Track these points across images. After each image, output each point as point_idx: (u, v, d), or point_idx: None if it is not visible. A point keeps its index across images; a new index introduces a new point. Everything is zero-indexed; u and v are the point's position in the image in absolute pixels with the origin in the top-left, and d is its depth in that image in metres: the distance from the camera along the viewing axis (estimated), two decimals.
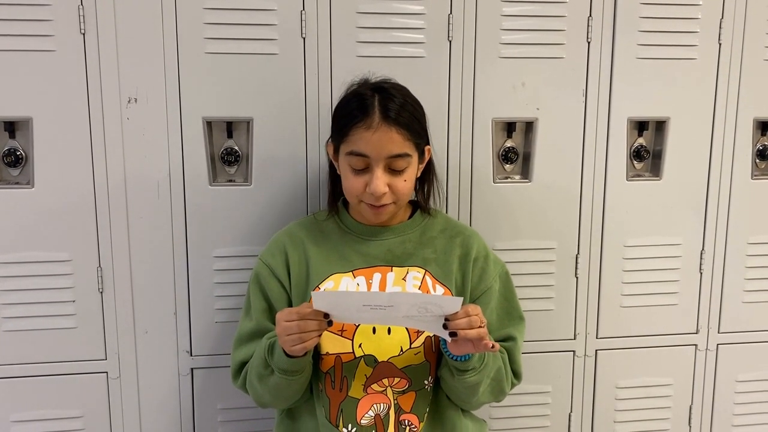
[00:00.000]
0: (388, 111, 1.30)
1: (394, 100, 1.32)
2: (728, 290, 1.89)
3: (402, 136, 1.31)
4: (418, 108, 1.38)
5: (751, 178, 1.85)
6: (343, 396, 1.35)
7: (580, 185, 1.77)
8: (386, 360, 1.34)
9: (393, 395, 1.36)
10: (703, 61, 1.76)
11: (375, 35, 1.62)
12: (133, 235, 1.63)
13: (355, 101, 1.34)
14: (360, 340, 1.34)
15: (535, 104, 1.71)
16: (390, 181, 1.33)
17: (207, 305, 1.68)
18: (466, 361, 1.29)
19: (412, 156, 1.35)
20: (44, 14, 1.51)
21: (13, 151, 1.57)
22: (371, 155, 1.31)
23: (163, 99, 1.58)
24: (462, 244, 1.45)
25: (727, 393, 1.95)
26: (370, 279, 1.39)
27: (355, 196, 1.36)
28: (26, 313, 1.62)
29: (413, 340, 1.35)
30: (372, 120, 1.30)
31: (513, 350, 1.45)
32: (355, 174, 1.34)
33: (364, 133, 1.30)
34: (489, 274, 1.45)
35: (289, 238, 1.45)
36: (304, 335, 1.21)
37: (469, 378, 1.31)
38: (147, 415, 1.71)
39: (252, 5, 1.57)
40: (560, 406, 1.88)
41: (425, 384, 1.38)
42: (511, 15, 1.66)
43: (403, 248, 1.43)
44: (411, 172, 1.36)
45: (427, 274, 1.40)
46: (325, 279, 1.39)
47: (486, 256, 1.46)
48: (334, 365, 1.35)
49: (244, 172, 1.66)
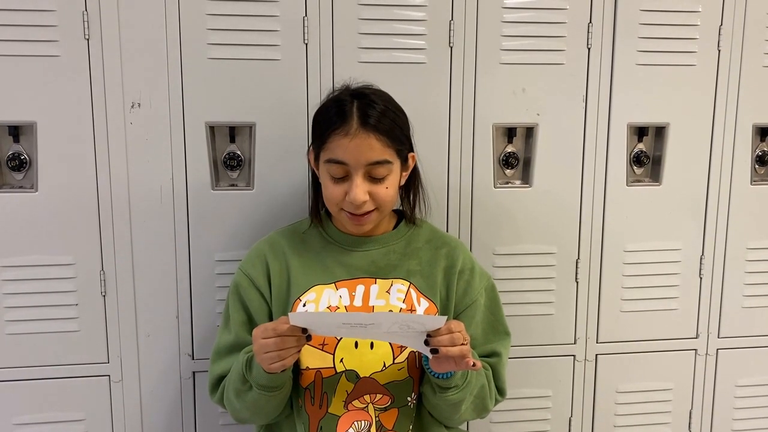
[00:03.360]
0: (367, 117, 1.27)
1: (374, 106, 1.29)
2: (728, 295, 1.90)
3: (381, 142, 1.27)
4: (400, 114, 1.34)
5: (751, 183, 1.85)
6: (323, 413, 1.31)
7: (581, 190, 1.78)
8: (368, 376, 1.30)
9: (375, 412, 1.32)
10: (702, 68, 1.77)
11: (376, 41, 1.63)
12: (135, 238, 1.63)
13: (333, 107, 1.31)
14: (341, 355, 1.30)
15: (535, 110, 1.72)
16: (370, 189, 1.29)
17: (209, 309, 1.69)
18: (448, 378, 1.26)
19: (393, 163, 1.31)
20: (49, 20, 1.52)
21: (17, 156, 1.58)
22: (350, 162, 1.27)
23: (167, 104, 1.59)
24: (447, 256, 1.42)
25: (726, 398, 1.95)
26: (353, 291, 1.35)
27: (335, 204, 1.32)
28: (29, 316, 1.62)
29: (396, 356, 1.31)
30: (350, 126, 1.26)
31: (497, 366, 1.42)
32: (335, 182, 1.30)
33: (342, 139, 1.26)
34: (474, 288, 1.41)
35: (269, 247, 1.42)
36: (282, 353, 1.17)
37: (451, 396, 1.28)
38: (149, 418, 1.72)
39: (255, 11, 1.58)
40: (560, 411, 1.88)
41: (408, 401, 1.34)
42: (511, 21, 1.67)
43: (387, 260, 1.39)
44: (393, 179, 1.32)
45: (412, 287, 1.37)
46: (306, 290, 1.35)
47: (472, 269, 1.42)
48: (314, 380, 1.31)
49: (246, 176, 1.67)
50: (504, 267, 1.77)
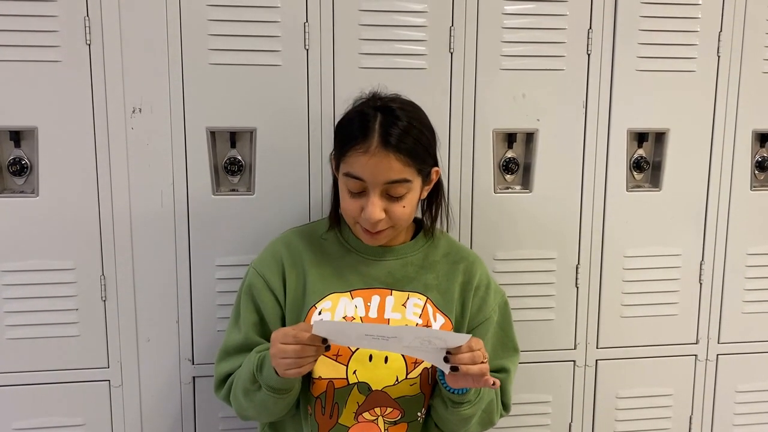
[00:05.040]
0: (388, 136, 1.23)
1: (398, 123, 1.25)
2: (728, 301, 1.90)
3: (401, 162, 1.24)
4: (426, 131, 1.30)
5: (751, 189, 1.86)
6: (333, 423, 1.31)
7: (581, 196, 1.78)
8: (380, 389, 1.30)
9: (384, 425, 1.31)
10: (702, 73, 1.77)
11: (377, 47, 1.63)
12: (136, 243, 1.63)
13: (357, 120, 1.28)
14: (355, 367, 1.30)
15: (535, 115, 1.73)
16: (387, 207, 1.27)
17: (209, 314, 1.69)
18: (463, 394, 1.25)
19: (413, 181, 1.28)
20: (50, 25, 1.52)
21: (19, 160, 1.59)
22: (367, 180, 1.25)
23: (168, 109, 1.59)
24: (465, 271, 1.40)
25: (727, 403, 1.95)
26: (368, 302, 1.34)
27: (351, 217, 1.32)
28: (29, 321, 1.62)
29: (410, 371, 1.30)
30: (370, 144, 1.23)
31: (505, 382, 1.41)
32: (352, 196, 1.29)
33: (362, 157, 1.24)
34: (489, 305, 1.40)
35: (287, 250, 1.40)
36: (300, 360, 1.16)
37: (464, 411, 1.27)
38: (149, 423, 1.71)
39: (256, 17, 1.58)
40: (561, 416, 1.88)
41: (418, 416, 1.34)
42: (511, 27, 1.68)
43: (405, 272, 1.38)
44: (411, 197, 1.30)
45: (429, 302, 1.36)
46: (322, 298, 1.34)
47: (488, 285, 1.42)
48: (326, 390, 1.30)
49: (247, 181, 1.68)
50: (504, 272, 1.77)
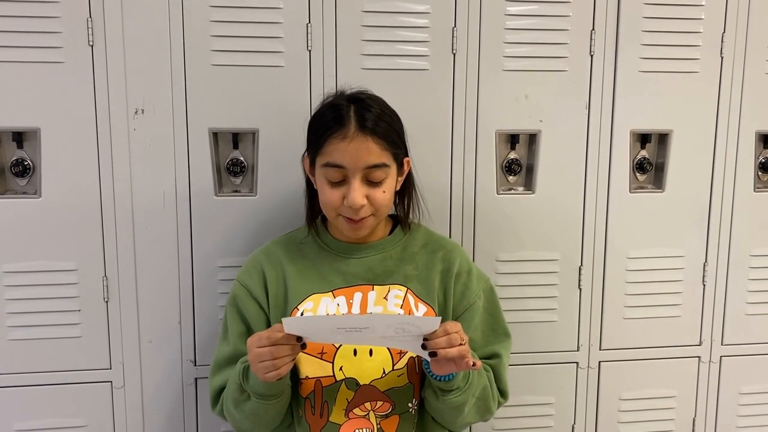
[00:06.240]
0: (364, 121, 1.27)
1: (371, 110, 1.29)
2: (731, 302, 1.89)
3: (379, 146, 1.28)
4: (396, 119, 1.35)
5: (754, 190, 1.85)
6: (324, 422, 1.31)
7: (583, 197, 1.78)
8: (368, 383, 1.30)
9: (376, 419, 1.31)
10: (705, 74, 1.77)
11: (380, 48, 1.63)
12: (138, 244, 1.64)
13: (330, 112, 1.31)
14: (341, 363, 1.30)
15: (538, 116, 1.72)
16: (368, 193, 1.29)
17: (211, 315, 1.68)
18: (449, 380, 1.25)
19: (391, 167, 1.31)
20: (53, 26, 1.53)
21: (21, 161, 1.59)
22: (348, 166, 1.27)
23: (170, 110, 1.59)
24: (444, 259, 1.41)
25: (730, 405, 1.95)
26: (350, 299, 1.34)
27: (332, 209, 1.32)
28: (32, 322, 1.62)
29: (396, 362, 1.31)
30: (348, 130, 1.26)
31: (498, 368, 1.41)
32: (332, 186, 1.30)
33: (340, 143, 1.26)
34: (472, 291, 1.40)
35: (266, 257, 1.41)
36: (277, 362, 1.17)
37: (453, 398, 1.27)
38: (151, 424, 1.71)
39: (258, 18, 1.58)
40: (563, 418, 1.88)
41: (409, 407, 1.34)
42: (514, 28, 1.68)
43: (384, 266, 1.38)
44: (389, 183, 1.32)
45: (409, 292, 1.36)
46: (303, 299, 1.35)
47: (469, 271, 1.42)
48: (314, 390, 1.30)
49: (249, 182, 1.68)
50: (507, 273, 1.77)
